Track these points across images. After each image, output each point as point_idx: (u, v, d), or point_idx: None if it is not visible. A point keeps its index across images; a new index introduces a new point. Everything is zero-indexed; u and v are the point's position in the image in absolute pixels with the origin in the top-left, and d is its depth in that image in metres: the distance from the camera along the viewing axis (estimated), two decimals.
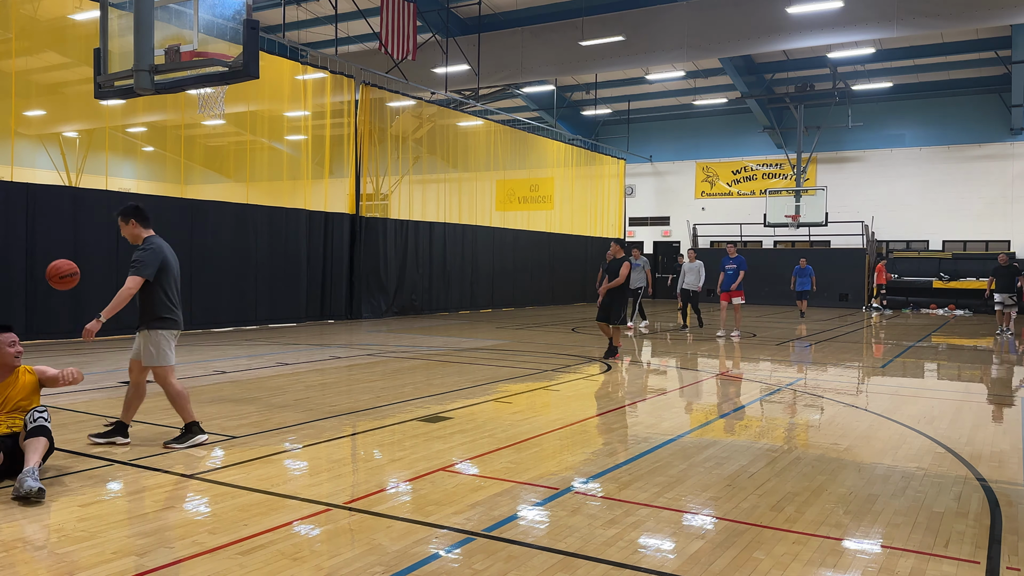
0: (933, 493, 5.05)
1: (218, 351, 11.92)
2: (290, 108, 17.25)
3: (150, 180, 18.96)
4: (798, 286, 21.82)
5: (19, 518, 4.25)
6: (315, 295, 17.38)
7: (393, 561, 3.73)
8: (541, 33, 22.85)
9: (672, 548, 4.01)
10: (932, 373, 11.57)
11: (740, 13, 20.22)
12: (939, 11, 18.25)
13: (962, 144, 27.68)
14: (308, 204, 17.31)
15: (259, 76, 6.15)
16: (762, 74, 28.20)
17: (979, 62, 25.62)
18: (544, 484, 5.08)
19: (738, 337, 15.62)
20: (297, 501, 4.63)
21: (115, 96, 7.30)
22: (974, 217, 27.48)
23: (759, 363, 11.99)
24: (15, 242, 11.98)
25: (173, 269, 5.93)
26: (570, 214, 27.50)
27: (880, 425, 7.25)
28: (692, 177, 32.58)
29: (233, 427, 6.61)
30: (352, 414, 7.32)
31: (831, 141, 29.35)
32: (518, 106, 31.81)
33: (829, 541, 4.14)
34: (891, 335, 17.25)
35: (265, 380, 9.18)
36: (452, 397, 8.32)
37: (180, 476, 5.13)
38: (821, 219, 26.27)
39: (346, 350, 12.48)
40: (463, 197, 22.69)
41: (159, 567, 3.62)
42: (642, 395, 9.08)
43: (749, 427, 7.24)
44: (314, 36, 24.06)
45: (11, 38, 12.28)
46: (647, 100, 31.79)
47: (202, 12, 6.51)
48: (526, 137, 25.75)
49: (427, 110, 21.88)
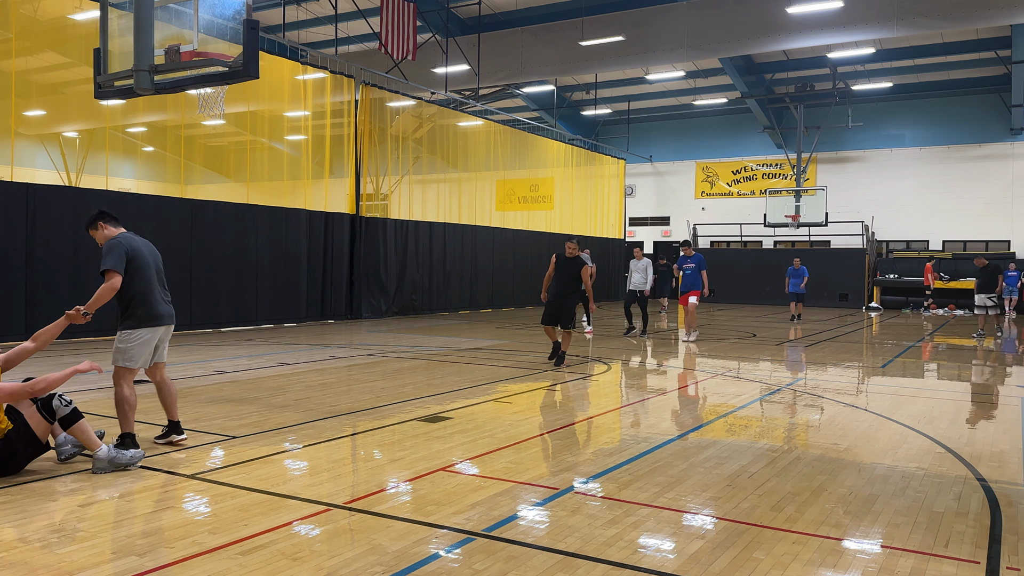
0: (933, 493, 5.05)
1: (218, 351, 11.92)
2: (290, 108, 17.25)
3: (150, 180, 18.95)
4: (791, 287, 20.81)
5: (19, 518, 4.25)
6: (315, 295, 17.39)
7: (393, 561, 3.73)
8: (541, 33, 22.85)
9: (672, 548, 4.01)
10: (932, 373, 11.57)
11: (740, 13, 20.23)
12: (939, 11, 18.25)
13: (962, 144, 27.69)
14: (308, 204, 17.32)
15: (259, 76, 6.15)
16: (762, 74, 28.20)
17: (979, 62, 25.62)
18: (544, 484, 5.08)
19: (695, 339, 14.87)
20: (297, 501, 4.63)
21: (115, 96, 7.29)
22: (974, 217, 27.48)
23: (759, 363, 11.99)
24: (15, 242, 11.98)
25: (145, 262, 5.65)
26: (570, 214, 27.50)
27: (880, 425, 7.25)
28: (692, 177, 32.58)
29: (233, 427, 6.61)
30: (352, 414, 7.32)
31: (831, 141, 29.36)
32: (518, 106, 31.81)
33: (829, 541, 4.14)
34: (891, 335, 17.25)
35: (265, 380, 9.18)
36: (452, 397, 8.32)
37: (180, 476, 5.13)
38: (821, 219, 26.27)
39: (346, 350, 12.48)
40: (463, 197, 22.70)
41: (159, 567, 3.62)
42: (642, 395, 9.08)
43: (749, 427, 7.24)
44: (314, 36, 24.07)
45: (11, 38, 12.28)
46: (647, 100, 31.79)
47: (202, 12, 6.51)
48: (526, 137, 25.75)
49: (427, 110, 21.88)
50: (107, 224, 5.76)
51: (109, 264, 5.47)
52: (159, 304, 5.72)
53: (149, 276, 5.68)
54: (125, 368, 5.58)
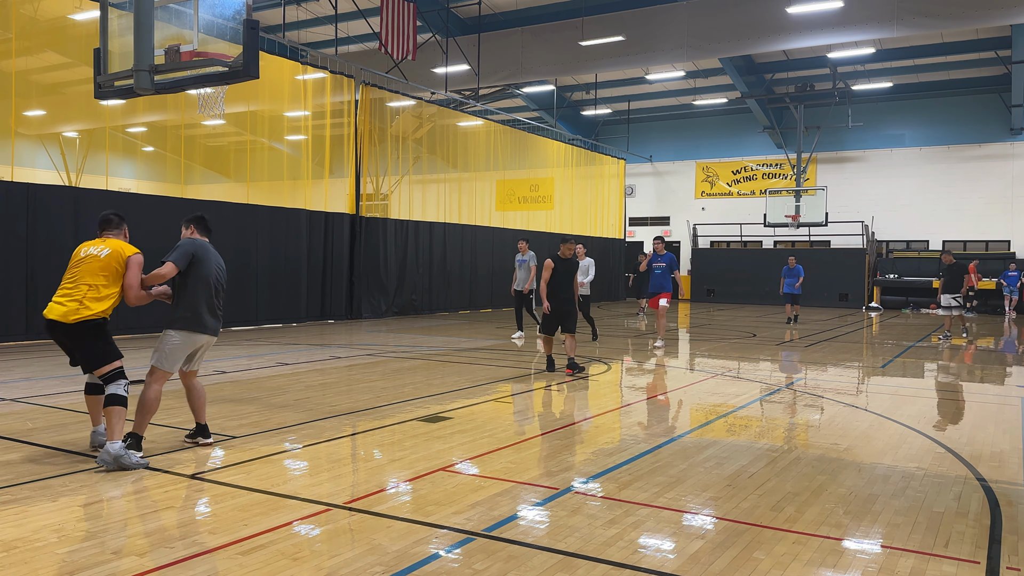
0: (933, 493, 5.05)
1: (218, 351, 11.92)
2: (290, 108, 17.25)
3: (150, 180, 18.94)
4: (786, 288, 19.67)
5: (19, 518, 4.25)
6: (315, 295, 17.39)
7: (393, 561, 3.73)
8: (541, 33, 22.85)
9: (672, 548, 4.01)
10: (932, 373, 11.57)
11: (740, 13, 20.22)
12: (939, 11, 18.25)
13: (962, 144, 27.69)
14: (308, 204, 17.32)
15: (259, 76, 6.15)
16: (762, 74, 28.20)
17: (979, 62, 25.62)
18: (544, 484, 5.08)
19: (662, 345, 13.69)
20: (297, 501, 4.63)
21: (115, 96, 7.29)
22: (974, 217, 27.48)
23: (759, 363, 11.99)
24: (15, 242, 11.98)
25: (208, 272, 5.76)
26: (570, 214, 27.50)
27: (880, 425, 7.25)
28: (692, 177, 32.58)
29: (233, 427, 6.61)
30: (352, 414, 7.32)
31: (831, 141, 29.36)
32: (518, 106, 31.81)
33: (829, 541, 4.14)
34: (891, 335, 17.25)
35: (265, 380, 9.18)
36: (452, 397, 8.32)
37: (180, 476, 5.13)
38: (821, 219, 26.26)
39: (346, 350, 12.48)
40: (463, 197, 22.69)
41: (159, 567, 3.62)
42: (642, 395, 9.08)
43: (749, 427, 7.24)
44: (314, 36, 24.06)
45: (11, 38, 12.28)
46: (647, 100, 31.79)
47: (202, 12, 6.51)
48: (526, 137, 25.75)
49: (427, 110, 21.88)
50: (197, 230, 5.98)
51: (171, 257, 5.68)
52: (205, 314, 5.76)
53: (205, 285, 5.77)
54: (159, 369, 5.65)
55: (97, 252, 5.48)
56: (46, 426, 6.52)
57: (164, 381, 5.67)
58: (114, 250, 5.50)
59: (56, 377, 9.04)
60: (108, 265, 5.43)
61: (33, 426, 6.50)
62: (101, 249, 5.50)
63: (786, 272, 19.84)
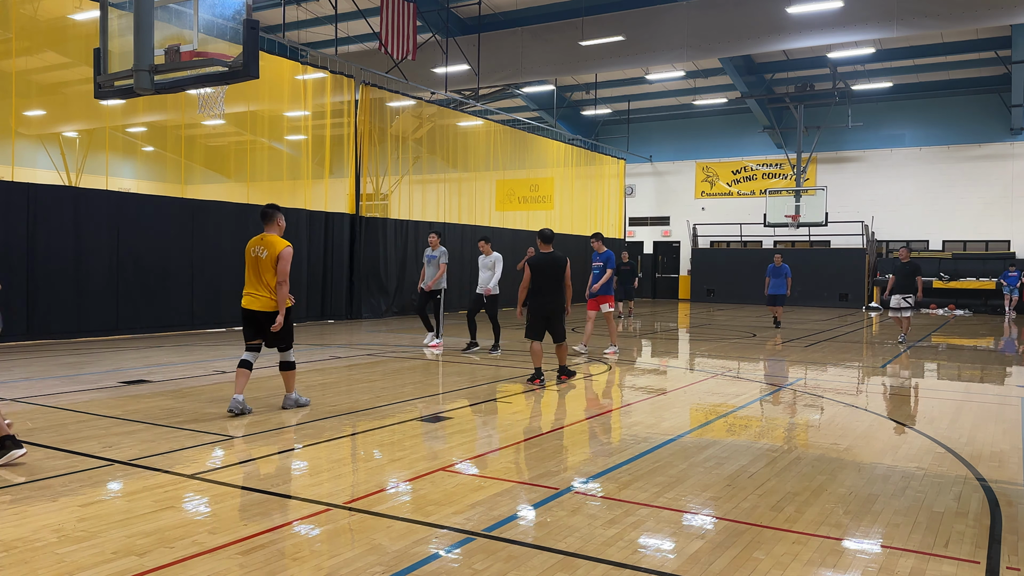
0: (933, 493, 5.05)
1: (218, 351, 11.91)
2: (290, 108, 17.25)
3: (150, 180, 18.95)
4: (771, 289, 17.97)
5: (19, 518, 4.25)
6: (315, 295, 17.38)
7: (393, 561, 3.73)
8: (541, 33, 22.85)
9: (672, 548, 4.01)
10: (932, 373, 11.57)
11: (740, 13, 20.23)
12: (939, 11, 18.25)
13: (962, 144, 27.69)
14: (308, 204, 17.31)
15: (259, 76, 6.16)
16: (762, 74, 28.20)
17: (979, 62, 25.63)
18: (544, 484, 5.08)
19: (615, 353, 12.34)
20: (297, 501, 4.63)
21: (115, 96, 7.30)
22: (974, 217, 27.49)
23: (759, 363, 11.99)
24: (15, 242, 11.97)
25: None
26: (570, 214, 27.50)
27: (880, 425, 7.25)
28: (692, 177, 32.58)
29: (233, 427, 6.62)
30: (352, 414, 7.32)
31: (831, 141, 29.36)
32: (518, 106, 31.81)
33: (829, 541, 4.14)
34: (891, 335, 17.24)
35: (265, 380, 9.18)
36: (452, 397, 8.32)
37: (180, 476, 5.13)
38: (821, 219, 26.27)
39: (346, 350, 12.48)
40: (463, 197, 22.69)
41: (159, 567, 3.62)
42: (642, 395, 9.08)
43: (749, 427, 7.25)
44: (314, 36, 24.06)
45: (11, 38, 12.28)
46: (647, 100, 31.79)
47: (202, 12, 6.52)
48: (526, 137, 25.75)
49: (427, 110, 21.88)
50: None
51: None
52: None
53: None
54: None
55: (259, 254, 6.83)
56: (46, 426, 6.51)
57: None
58: (270, 252, 6.82)
59: (56, 377, 9.05)
60: (269, 267, 6.85)
61: (33, 426, 6.49)
62: (261, 250, 6.83)
63: (771, 271, 18.07)
